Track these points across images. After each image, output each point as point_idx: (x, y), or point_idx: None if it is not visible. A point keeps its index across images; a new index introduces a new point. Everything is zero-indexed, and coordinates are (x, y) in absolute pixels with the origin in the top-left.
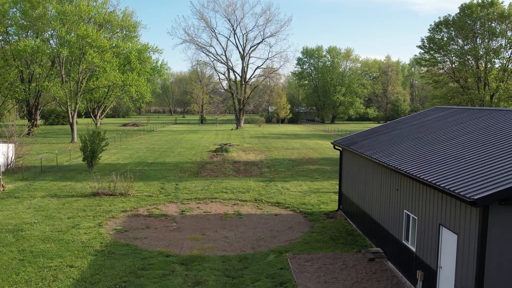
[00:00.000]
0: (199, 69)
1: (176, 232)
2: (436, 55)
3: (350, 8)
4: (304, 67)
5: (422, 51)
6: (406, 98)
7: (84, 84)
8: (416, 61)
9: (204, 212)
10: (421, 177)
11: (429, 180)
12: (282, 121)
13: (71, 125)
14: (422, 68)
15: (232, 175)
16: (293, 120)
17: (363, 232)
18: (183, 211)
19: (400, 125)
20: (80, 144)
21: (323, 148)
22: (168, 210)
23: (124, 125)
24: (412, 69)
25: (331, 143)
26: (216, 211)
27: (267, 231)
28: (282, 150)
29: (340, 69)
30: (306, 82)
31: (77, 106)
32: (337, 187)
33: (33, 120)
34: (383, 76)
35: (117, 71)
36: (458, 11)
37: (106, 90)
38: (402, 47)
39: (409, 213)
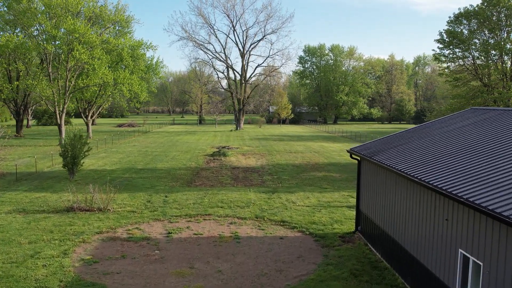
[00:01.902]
0: (197, 68)
1: (158, 264)
2: (457, 50)
3: (350, 8)
4: (306, 66)
5: (441, 46)
6: (411, 98)
7: (72, 82)
8: (435, 57)
9: (195, 234)
10: (495, 210)
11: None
12: (283, 122)
13: (59, 126)
14: (440, 64)
15: (230, 184)
16: (294, 121)
17: (391, 264)
18: (169, 232)
19: (431, 131)
20: (60, 149)
21: (329, 152)
22: (152, 231)
23: (120, 125)
24: (416, 68)
25: (348, 151)
26: (209, 232)
27: (271, 261)
28: (285, 154)
29: (343, 68)
30: (308, 81)
31: (66, 106)
32: (350, 199)
33: (17, 121)
34: (387, 75)
35: (107, 68)
36: (460, 8)
37: (96, 89)
38: (404, 47)
39: (468, 255)
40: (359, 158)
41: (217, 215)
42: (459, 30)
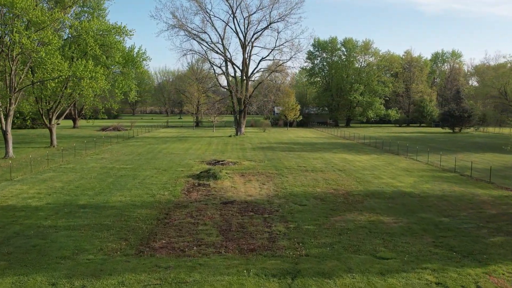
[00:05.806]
0: (196, 66)
1: None
2: None
3: (353, 7)
4: (316, 62)
5: None
6: (433, 98)
7: (22, 77)
8: None
9: None
10: None
11: None
12: (290, 124)
13: (4, 133)
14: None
15: (213, 247)
16: (302, 123)
17: None
18: None
19: None
20: None
21: (358, 170)
22: None
23: (104, 129)
24: (434, 65)
25: None
26: None
27: None
28: (300, 174)
29: (357, 65)
30: (318, 79)
31: (12, 108)
32: None
33: None
34: (405, 73)
35: (60, 56)
36: (464, 9)
37: (54, 85)
38: (407, 46)
39: None
40: None
41: None
42: None
